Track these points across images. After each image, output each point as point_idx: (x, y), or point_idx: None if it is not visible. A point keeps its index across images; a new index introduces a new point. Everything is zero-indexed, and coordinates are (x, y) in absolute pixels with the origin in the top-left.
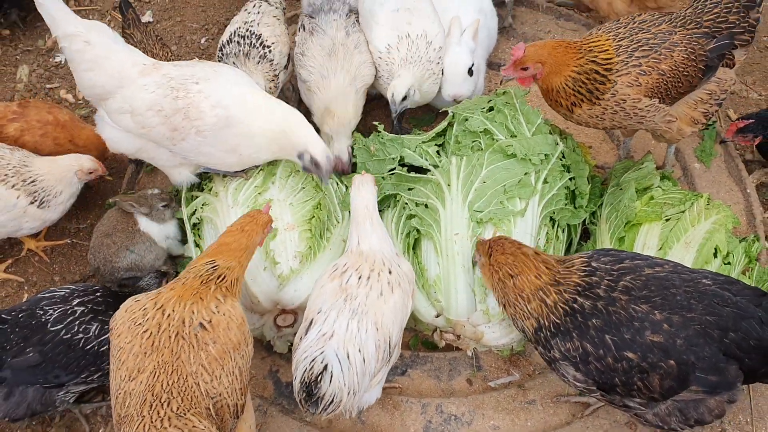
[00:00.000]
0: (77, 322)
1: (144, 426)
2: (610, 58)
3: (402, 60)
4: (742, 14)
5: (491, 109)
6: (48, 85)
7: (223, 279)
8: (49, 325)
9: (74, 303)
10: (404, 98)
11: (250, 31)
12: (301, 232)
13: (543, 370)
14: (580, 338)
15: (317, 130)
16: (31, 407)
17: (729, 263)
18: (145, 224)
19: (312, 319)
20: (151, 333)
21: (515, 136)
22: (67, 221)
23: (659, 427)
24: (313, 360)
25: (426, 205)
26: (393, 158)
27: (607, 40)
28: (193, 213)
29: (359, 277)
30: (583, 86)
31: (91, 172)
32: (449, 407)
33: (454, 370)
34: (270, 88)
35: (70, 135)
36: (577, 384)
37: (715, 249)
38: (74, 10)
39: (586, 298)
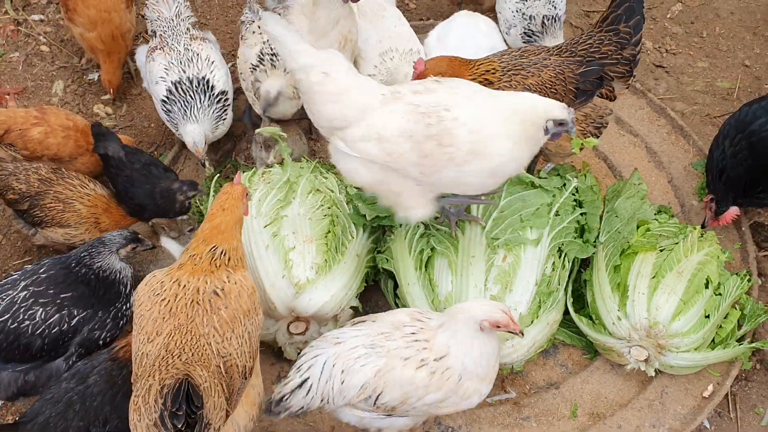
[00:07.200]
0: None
1: (153, 373)
2: (495, 70)
3: None
4: (614, 47)
5: None
6: (82, 101)
7: (230, 259)
8: None
9: None
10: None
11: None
12: (318, 245)
13: (538, 389)
14: None
15: None
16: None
17: (720, 294)
18: (164, 241)
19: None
20: (169, 301)
21: None
22: None
23: None
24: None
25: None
26: None
27: (494, 62)
28: None
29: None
30: None
31: None
32: (446, 419)
33: None
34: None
35: (88, 138)
36: None
37: (707, 280)
38: None
39: None
